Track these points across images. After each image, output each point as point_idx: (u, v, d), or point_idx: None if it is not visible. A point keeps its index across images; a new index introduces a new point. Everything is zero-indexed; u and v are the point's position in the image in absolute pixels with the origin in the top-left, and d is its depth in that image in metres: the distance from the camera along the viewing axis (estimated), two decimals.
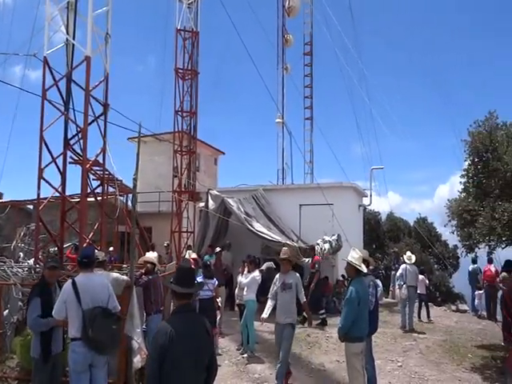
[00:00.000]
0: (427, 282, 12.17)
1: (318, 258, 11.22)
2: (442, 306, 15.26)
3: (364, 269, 5.12)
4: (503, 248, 7.37)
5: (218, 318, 8.06)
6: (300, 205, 13.76)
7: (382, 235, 20.02)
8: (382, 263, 18.73)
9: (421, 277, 11.92)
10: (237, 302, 8.56)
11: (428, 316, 11.84)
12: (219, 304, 8.13)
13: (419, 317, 11.70)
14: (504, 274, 9.40)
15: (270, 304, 6.28)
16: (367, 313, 5.12)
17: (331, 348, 8.37)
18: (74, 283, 4.25)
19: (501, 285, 9.36)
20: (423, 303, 11.90)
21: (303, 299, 6.26)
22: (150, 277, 6.28)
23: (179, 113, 15.83)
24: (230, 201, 12.74)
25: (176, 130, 15.87)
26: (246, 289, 7.77)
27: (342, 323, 4.99)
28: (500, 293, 10.00)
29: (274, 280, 6.34)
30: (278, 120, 18.66)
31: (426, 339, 9.37)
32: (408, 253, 11.46)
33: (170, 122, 15.81)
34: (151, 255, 6.64)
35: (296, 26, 20.93)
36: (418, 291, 11.65)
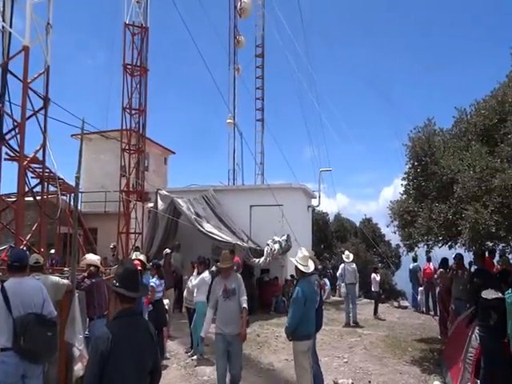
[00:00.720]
0: (378, 279, 12.75)
1: (237, 259, 11.15)
2: (385, 302, 15.92)
3: (308, 269, 5.18)
4: (440, 247, 7.78)
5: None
6: (251, 205, 13.82)
7: (330, 235, 20.61)
8: (329, 262, 19.27)
9: (373, 275, 12.53)
10: (185, 305, 8.39)
11: (375, 312, 12.39)
12: (167, 307, 7.95)
13: (375, 313, 12.30)
14: (441, 270, 9.98)
15: (209, 315, 5.49)
16: (314, 311, 5.22)
17: (280, 347, 8.45)
18: (2, 288, 3.92)
19: (438, 281, 9.93)
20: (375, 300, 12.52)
21: (243, 304, 5.37)
22: (94, 280, 6.01)
23: (127, 110, 15.36)
24: (179, 201, 12.53)
25: (124, 127, 15.39)
26: (195, 290, 7.65)
27: (289, 322, 5.05)
28: (438, 289, 10.63)
29: (213, 285, 5.59)
30: (229, 120, 18.63)
31: (370, 335, 9.71)
32: (346, 252, 11.96)
33: (118, 119, 15.34)
34: (93, 257, 6.34)
35: (248, 28, 21.05)
36: (372, 289, 12.27)
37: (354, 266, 11.48)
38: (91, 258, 6.26)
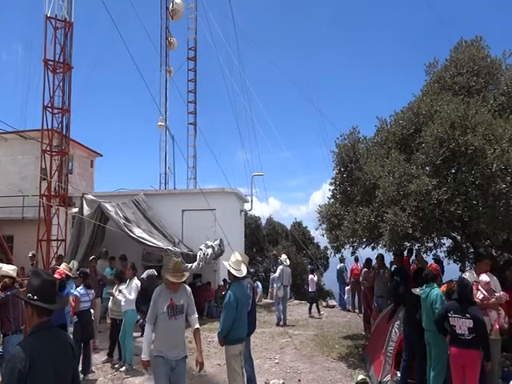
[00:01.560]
0: (316, 279, 13.31)
1: None
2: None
3: (241, 273, 5.22)
4: (364, 248, 8.26)
5: None
6: (183, 210, 13.60)
7: (262, 239, 20.91)
8: (261, 266, 19.54)
9: (310, 276, 13.07)
10: (110, 316, 7.82)
11: (309, 311, 12.92)
12: (92, 317, 7.54)
13: (310, 312, 12.83)
14: (365, 270, 10.57)
15: (148, 333, 4.47)
16: (246, 315, 5.26)
17: (212, 352, 8.40)
18: None
19: (364, 281, 10.51)
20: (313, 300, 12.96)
21: (195, 325, 4.58)
22: (9, 292, 5.53)
23: (49, 109, 14.41)
24: (107, 206, 11.98)
25: (45, 127, 14.41)
26: (123, 300, 7.30)
27: (222, 327, 5.05)
28: (363, 288, 11.23)
29: (154, 297, 4.44)
30: (160, 123, 18.19)
31: (300, 335, 9.99)
32: (283, 255, 12.30)
33: (39, 118, 14.34)
34: (8, 268, 5.83)
35: (181, 30, 20.81)
36: (309, 289, 12.89)
37: (289, 269, 11.90)
38: (5, 268, 5.75)
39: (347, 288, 13.95)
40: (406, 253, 8.75)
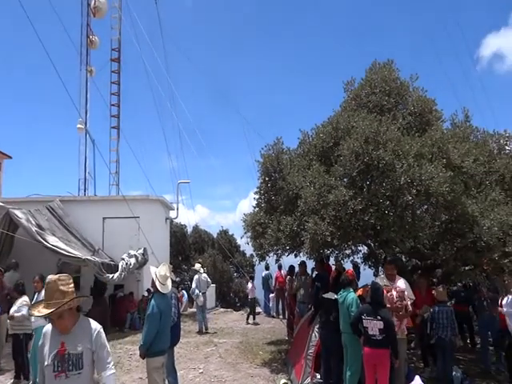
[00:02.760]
0: (255, 289, 13.73)
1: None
2: (240, 310, 16.59)
3: (166, 289, 5.13)
4: (287, 256, 8.52)
5: None
6: (104, 217, 13.00)
7: (188, 247, 20.62)
8: (187, 274, 19.24)
9: (249, 284, 13.54)
10: (10, 332, 7.08)
11: (247, 319, 13.26)
12: None
13: (248, 319, 13.16)
14: (288, 277, 10.91)
15: None
16: (169, 326, 5.17)
17: (134, 366, 8.08)
18: None
19: (287, 287, 10.83)
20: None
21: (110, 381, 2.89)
22: None
23: None
24: (17, 212, 11.02)
25: None
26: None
27: (144, 340, 4.91)
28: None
29: (41, 343, 2.95)
30: (79, 126, 17.12)
31: (225, 343, 10.00)
32: (197, 264, 12.52)
33: None
34: None
35: (104, 29, 19.97)
36: (249, 297, 13.37)
37: (206, 276, 12.19)
38: None
39: (272, 295, 14.23)
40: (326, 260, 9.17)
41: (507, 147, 7.89)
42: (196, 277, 11.88)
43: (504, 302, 6.55)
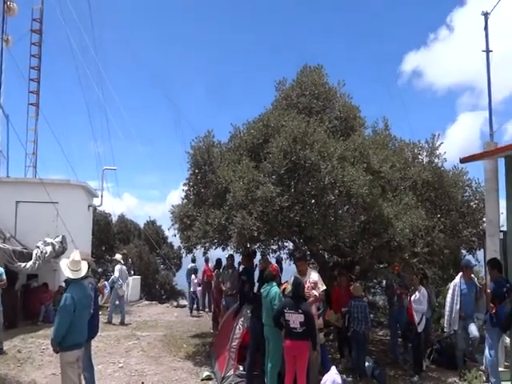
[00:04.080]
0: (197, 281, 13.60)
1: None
2: (166, 303, 16.36)
3: (79, 274, 4.87)
4: (215, 249, 8.54)
5: None
6: (17, 201, 12.08)
7: (112, 237, 19.81)
8: (111, 265, 18.50)
9: (193, 276, 13.51)
10: None
11: (191, 311, 13.38)
12: None
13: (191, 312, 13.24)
14: (216, 270, 10.95)
15: None
16: (86, 318, 4.93)
17: (47, 361, 7.65)
18: None
19: (214, 280, 10.88)
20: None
21: None
22: None
23: None
24: None
25: None
26: None
27: (55, 333, 4.61)
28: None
29: None
30: None
31: (148, 336, 9.81)
32: (117, 255, 12.37)
33: None
34: None
35: None
36: (192, 289, 13.43)
37: (126, 268, 12.16)
38: None
39: (199, 288, 14.17)
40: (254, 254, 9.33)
41: (420, 156, 8.58)
42: (118, 267, 11.62)
43: (412, 298, 7.16)
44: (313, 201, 6.20)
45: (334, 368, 6.24)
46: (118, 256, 12.22)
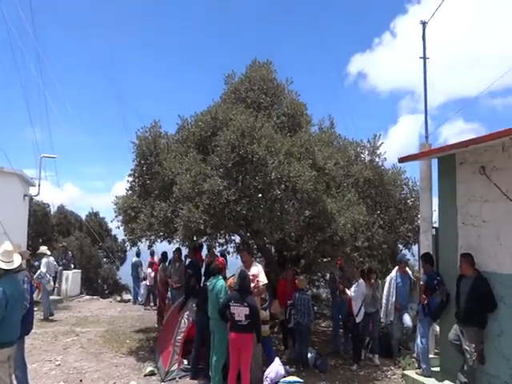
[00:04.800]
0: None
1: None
2: (108, 297, 15.84)
3: (12, 265, 4.58)
4: (160, 242, 8.39)
5: None
6: None
7: (51, 229, 18.81)
8: (35, 259, 17.57)
9: (149, 270, 13.12)
10: None
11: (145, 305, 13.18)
12: None
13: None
14: (162, 264, 10.77)
15: None
16: (19, 314, 4.65)
17: None
18: None
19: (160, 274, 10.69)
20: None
21: None
22: None
23: None
24: None
25: None
26: None
27: None
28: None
29: None
30: None
31: (88, 333, 9.48)
32: (42, 247, 11.92)
33: None
34: None
35: None
36: (148, 283, 13.09)
37: (53, 258, 11.78)
38: None
39: (144, 282, 13.87)
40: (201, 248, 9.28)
41: (362, 155, 8.99)
42: (45, 260, 11.11)
43: (352, 289, 7.48)
44: (259, 195, 6.24)
45: (277, 359, 6.39)
46: (42, 248, 11.58)
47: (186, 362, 6.72)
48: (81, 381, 6.44)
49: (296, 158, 6.59)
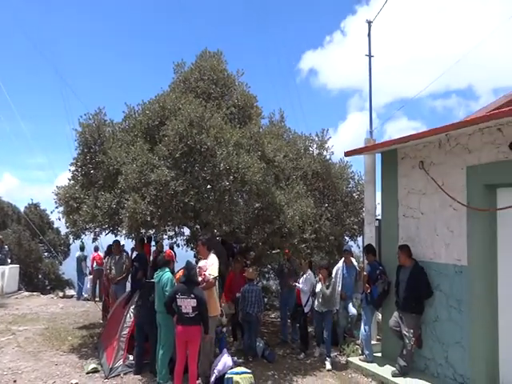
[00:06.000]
0: None
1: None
2: (50, 293, 15.10)
3: None
4: (106, 235, 8.07)
5: None
6: None
7: None
8: None
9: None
10: None
11: None
12: None
13: None
14: (107, 257, 10.40)
15: None
16: None
17: None
18: None
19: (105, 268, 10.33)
20: None
21: None
22: None
23: None
24: None
25: None
26: None
27: None
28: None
29: None
30: None
31: (26, 331, 8.98)
32: None
33: None
34: None
35: None
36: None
37: None
38: None
39: (90, 277, 13.35)
40: (146, 240, 9.08)
41: (311, 148, 9.19)
42: None
43: (300, 280, 7.64)
44: (208, 186, 6.17)
45: (225, 350, 6.39)
46: None
47: (131, 357, 6.55)
48: (15, 381, 6.09)
49: (245, 149, 6.57)
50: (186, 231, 8.79)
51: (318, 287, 7.13)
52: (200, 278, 5.85)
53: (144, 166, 6.15)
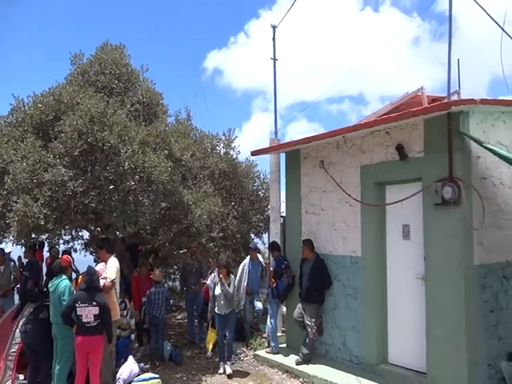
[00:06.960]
0: None
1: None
2: None
3: None
4: None
5: None
6: None
7: None
8: None
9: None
10: None
11: None
12: None
13: None
14: None
15: None
16: None
17: None
18: None
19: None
20: None
21: None
22: None
23: None
24: None
25: None
26: None
27: None
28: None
29: None
30: None
31: None
32: None
33: None
34: None
35: None
36: None
37: None
38: None
39: None
40: (37, 246, 8.33)
41: (218, 148, 9.29)
42: None
43: (209, 279, 7.64)
44: (111, 186, 5.84)
45: (131, 357, 6.15)
46: None
47: (21, 377, 6.00)
48: None
49: (151, 148, 6.36)
50: (85, 234, 8.24)
51: (218, 290, 6.66)
52: (107, 281, 5.52)
53: (36, 165, 5.61)
